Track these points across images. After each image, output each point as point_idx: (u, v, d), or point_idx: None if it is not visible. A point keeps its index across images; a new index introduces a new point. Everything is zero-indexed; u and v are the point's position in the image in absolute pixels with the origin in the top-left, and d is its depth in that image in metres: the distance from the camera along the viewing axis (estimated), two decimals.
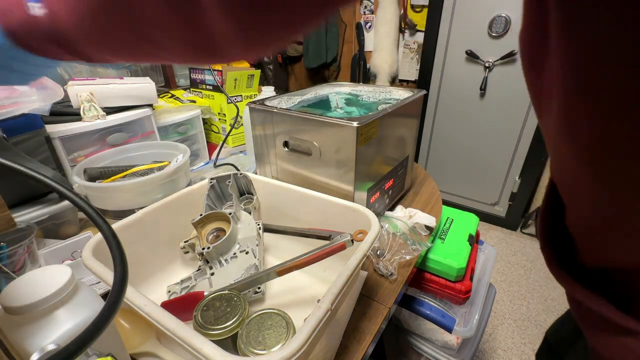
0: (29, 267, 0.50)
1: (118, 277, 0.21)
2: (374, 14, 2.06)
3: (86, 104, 0.69)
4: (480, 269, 0.94)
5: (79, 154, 0.70)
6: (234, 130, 1.01)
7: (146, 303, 0.31)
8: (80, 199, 0.22)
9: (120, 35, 0.23)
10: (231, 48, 0.22)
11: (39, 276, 0.27)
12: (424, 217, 0.66)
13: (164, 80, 1.30)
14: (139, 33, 0.23)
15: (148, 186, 0.58)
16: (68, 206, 0.60)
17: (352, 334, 0.45)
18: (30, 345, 0.24)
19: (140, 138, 0.80)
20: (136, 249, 0.48)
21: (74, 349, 0.18)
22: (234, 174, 0.56)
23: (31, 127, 0.58)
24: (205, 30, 0.21)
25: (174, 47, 0.23)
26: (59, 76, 0.85)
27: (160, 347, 0.42)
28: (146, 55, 0.26)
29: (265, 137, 0.63)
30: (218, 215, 0.50)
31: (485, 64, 1.64)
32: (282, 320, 0.35)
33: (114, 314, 0.20)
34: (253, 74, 1.02)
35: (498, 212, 1.93)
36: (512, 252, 1.74)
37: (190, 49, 0.23)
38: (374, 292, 0.52)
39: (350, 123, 0.50)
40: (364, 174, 0.56)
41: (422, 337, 0.88)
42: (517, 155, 1.73)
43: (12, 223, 0.24)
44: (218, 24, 0.20)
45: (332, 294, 0.32)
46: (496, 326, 1.33)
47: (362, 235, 0.42)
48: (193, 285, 0.47)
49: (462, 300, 0.77)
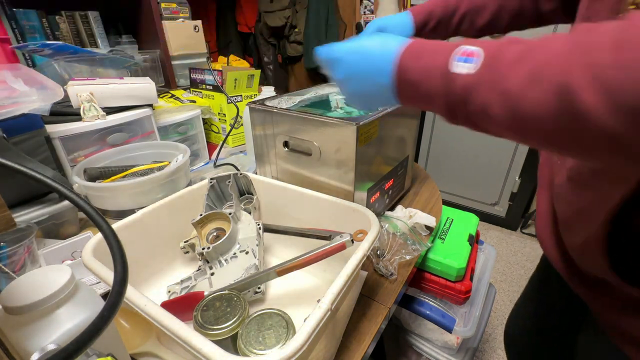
0: (29, 267, 0.50)
1: (118, 277, 0.21)
2: (374, 14, 2.06)
3: (86, 104, 0.69)
4: (480, 269, 0.94)
5: (79, 154, 0.70)
6: (234, 130, 1.01)
7: (146, 303, 0.31)
8: (81, 199, 0.22)
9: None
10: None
11: (39, 276, 0.27)
12: (424, 217, 0.66)
13: (164, 80, 1.30)
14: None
15: (148, 186, 0.58)
16: (68, 206, 0.60)
17: (352, 334, 0.45)
18: (31, 345, 0.24)
19: (140, 138, 0.80)
20: (136, 249, 0.48)
21: (74, 349, 0.18)
22: (234, 174, 0.56)
23: (31, 127, 0.58)
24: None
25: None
26: (59, 76, 0.85)
27: (160, 347, 0.42)
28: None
29: (265, 137, 0.63)
30: (218, 215, 0.50)
31: None
32: (282, 320, 0.35)
33: (114, 314, 0.20)
34: (253, 74, 1.02)
35: (498, 212, 1.93)
36: (512, 252, 1.74)
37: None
38: (374, 292, 0.52)
39: (350, 123, 0.50)
40: (364, 174, 0.56)
41: (422, 337, 0.88)
42: (517, 155, 1.73)
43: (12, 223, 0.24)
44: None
45: (332, 294, 0.32)
46: (496, 326, 1.33)
47: (362, 235, 0.42)
48: (193, 285, 0.47)
49: (462, 300, 0.77)
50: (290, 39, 2.27)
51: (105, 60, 0.92)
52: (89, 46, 1.18)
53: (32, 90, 0.59)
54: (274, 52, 2.41)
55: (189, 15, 1.36)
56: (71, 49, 0.83)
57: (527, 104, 0.21)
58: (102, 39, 1.21)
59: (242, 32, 2.44)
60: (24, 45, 0.82)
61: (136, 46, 1.33)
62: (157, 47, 1.26)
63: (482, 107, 0.23)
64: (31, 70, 0.69)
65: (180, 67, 1.34)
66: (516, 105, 0.21)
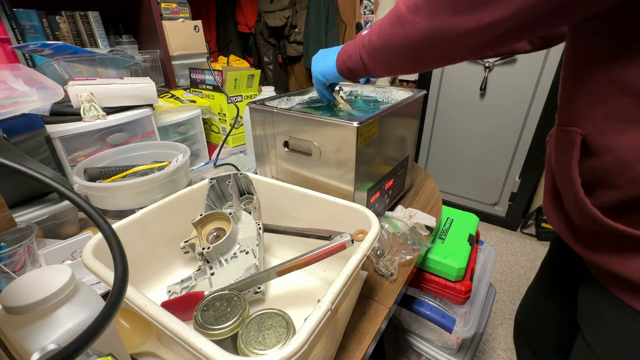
0: (29, 267, 0.50)
1: (118, 277, 0.21)
2: (374, 14, 2.06)
3: (86, 104, 0.69)
4: (480, 269, 0.94)
5: (79, 154, 0.70)
6: (234, 130, 1.02)
7: (146, 303, 0.31)
8: (81, 199, 0.22)
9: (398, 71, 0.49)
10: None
11: (39, 276, 0.27)
12: (424, 217, 0.66)
13: (164, 80, 1.30)
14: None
15: (148, 186, 0.58)
16: (68, 206, 0.60)
17: (352, 334, 0.45)
18: (31, 345, 0.24)
19: (140, 138, 0.80)
20: (136, 249, 0.48)
21: (74, 348, 0.18)
22: (234, 174, 0.56)
23: (31, 127, 0.58)
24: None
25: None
26: (59, 76, 0.85)
27: (160, 347, 0.42)
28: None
29: (265, 137, 0.63)
30: (218, 215, 0.50)
31: (485, 64, 1.64)
32: (282, 320, 0.35)
33: (114, 314, 0.20)
34: (253, 74, 1.02)
35: (498, 212, 1.93)
36: (512, 252, 1.74)
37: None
38: (374, 292, 0.52)
39: (350, 123, 0.50)
40: (364, 174, 0.56)
41: (422, 337, 0.88)
42: (517, 155, 1.73)
43: (13, 223, 0.24)
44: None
45: (332, 294, 0.32)
46: (496, 326, 1.33)
47: (362, 235, 0.42)
48: (193, 285, 0.47)
49: (462, 300, 0.77)
50: (290, 39, 2.28)
51: (105, 60, 0.93)
52: (89, 46, 1.18)
53: (32, 90, 0.59)
54: (274, 52, 2.41)
55: (189, 15, 1.36)
56: (71, 49, 0.83)
57: (391, 39, 0.42)
58: (102, 39, 1.21)
59: (242, 32, 2.44)
60: (24, 45, 0.82)
61: (136, 46, 1.33)
62: (157, 47, 1.26)
63: (374, 59, 0.47)
64: (31, 70, 0.69)
65: (180, 67, 1.35)
66: (387, 44, 0.43)
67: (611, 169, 0.35)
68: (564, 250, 0.59)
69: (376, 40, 0.44)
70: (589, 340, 0.46)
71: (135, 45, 1.33)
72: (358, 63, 0.50)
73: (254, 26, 2.37)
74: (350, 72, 0.53)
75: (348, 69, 0.53)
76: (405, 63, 0.44)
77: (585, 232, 0.42)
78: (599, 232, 0.38)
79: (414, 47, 0.39)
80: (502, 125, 1.71)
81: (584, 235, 0.43)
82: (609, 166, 0.35)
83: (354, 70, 0.52)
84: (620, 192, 0.35)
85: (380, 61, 0.46)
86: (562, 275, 0.63)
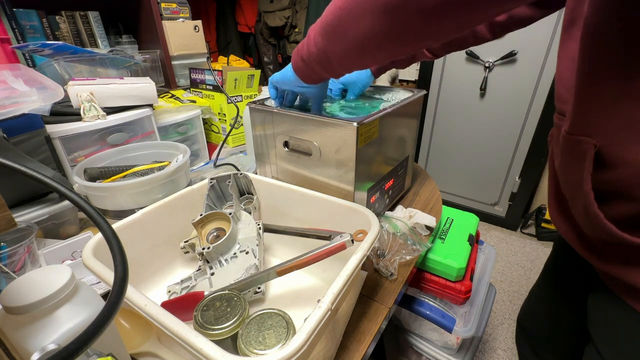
0: (29, 267, 0.50)
1: (118, 277, 0.21)
2: None
3: (86, 104, 0.69)
4: (480, 269, 0.94)
5: (79, 154, 0.70)
6: (234, 130, 1.02)
7: (146, 303, 0.31)
8: (81, 199, 0.22)
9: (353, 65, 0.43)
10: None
11: (39, 276, 0.27)
12: (424, 217, 0.66)
13: (164, 80, 1.30)
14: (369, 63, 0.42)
15: (148, 186, 0.58)
16: (68, 206, 0.60)
17: (352, 334, 0.45)
18: (31, 345, 0.24)
19: (140, 138, 0.80)
20: (136, 249, 0.48)
21: (74, 348, 0.18)
22: (234, 174, 0.56)
23: (31, 127, 0.58)
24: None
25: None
26: (59, 76, 0.85)
27: (160, 347, 0.42)
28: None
29: (265, 137, 0.63)
30: (218, 215, 0.50)
31: (485, 64, 1.64)
32: (282, 320, 0.35)
33: (114, 314, 0.20)
34: (253, 74, 1.02)
35: (498, 212, 1.93)
36: (512, 252, 1.74)
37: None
38: (374, 292, 0.52)
39: (350, 123, 0.50)
40: (364, 174, 0.56)
41: (422, 337, 0.88)
42: (517, 155, 1.73)
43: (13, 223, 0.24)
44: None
45: (332, 294, 0.32)
46: (496, 326, 1.33)
47: (362, 235, 0.42)
48: (193, 285, 0.47)
49: (462, 300, 0.77)
50: (290, 39, 2.28)
51: (105, 60, 0.93)
52: (89, 46, 1.18)
53: (32, 90, 0.59)
54: (274, 52, 2.41)
55: (189, 15, 1.36)
56: (71, 49, 0.83)
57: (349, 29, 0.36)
58: (102, 39, 1.21)
59: (242, 32, 2.44)
60: (24, 45, 0.82)
61: (136, 46, 1.33)
62: (157, 47, 1.26)
63: (325, 57, 0.42)
64: (31, 70, 0.69)
65: (180, 67, 1.34)
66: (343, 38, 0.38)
67: (630, 182, 0.34)
68: (570, 254, 0.57)
69: (329, 14, 0.38)
70: (601, 349, 0.45)
71: (135, 45, 1.33)
72: (311, 47, 0.43)
73: (254, 26, 2.37)
74: (303, 63, 0.46)
75: (300, 58, 0.46)
76: (375, 30, 0.34)
77: (596, 241, 0.40)
78: (611, 242, 0.37)
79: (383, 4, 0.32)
80: (502, 125, 1.71)
81: (595, 244, 0.41)
82: (628, 179, 0.34)
83: (307, 60, 0.45)
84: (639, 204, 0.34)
85: (339, 37, 0.38)
86: (568, 279, 0.61)
